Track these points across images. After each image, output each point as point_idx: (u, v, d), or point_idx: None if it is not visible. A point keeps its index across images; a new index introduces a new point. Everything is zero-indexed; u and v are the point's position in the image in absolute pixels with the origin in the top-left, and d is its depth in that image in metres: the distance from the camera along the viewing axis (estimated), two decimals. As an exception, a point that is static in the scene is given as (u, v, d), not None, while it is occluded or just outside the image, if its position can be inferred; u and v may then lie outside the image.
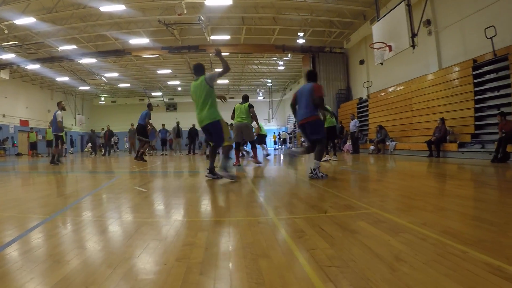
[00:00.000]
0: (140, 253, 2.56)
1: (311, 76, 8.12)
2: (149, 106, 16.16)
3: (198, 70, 7.65)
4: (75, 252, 2.59)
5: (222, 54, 7.62)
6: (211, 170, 7.53)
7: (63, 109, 14.80)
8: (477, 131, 13.73)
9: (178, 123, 26.06)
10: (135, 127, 27.06)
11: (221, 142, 7.44)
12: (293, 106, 8.17)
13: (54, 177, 9.44)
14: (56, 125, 14.42)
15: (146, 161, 15.71)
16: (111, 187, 6.65)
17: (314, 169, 7.34)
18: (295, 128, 41.60)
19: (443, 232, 2.90)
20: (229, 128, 9.13)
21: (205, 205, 4.56)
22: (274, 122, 49.39)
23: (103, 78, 35.94)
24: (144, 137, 16.06)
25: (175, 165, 13.72)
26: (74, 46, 26.36)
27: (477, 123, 13.82)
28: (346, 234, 2.96)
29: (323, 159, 12.68)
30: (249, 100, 12.21)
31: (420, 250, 2.46)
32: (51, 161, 14.63)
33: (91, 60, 29.77)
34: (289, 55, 32.12)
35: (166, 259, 2.42)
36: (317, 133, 7.57)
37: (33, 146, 28.54)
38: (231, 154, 7.75)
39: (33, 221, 3.65)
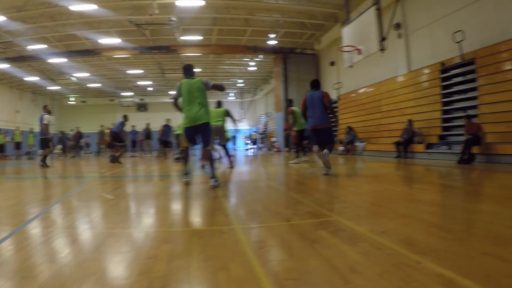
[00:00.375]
0: (105, 266, 2.57)
1: (317, 84, 9.12)
2: (125, 117, 16.72)
3: (191, 70, 7.61)
4: (42, 267, 2.57)
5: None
6: (186, 173, 7.53)
7: (49, 112, 14.95)
8: (444, 133, 13.99)
9: (148, 124, 25.89)
10: (104, 128, 26.87)
11: (207, 144, 7.37)
12: (304, 112, 8.95)
13: (23, 183, 9.31)
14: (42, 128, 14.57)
15: (122, 163, 15.61)
16: (79, 194, 6.57)
17: (327, 168, 8.57)
18: (266, 128, 41.79)
19: (401, 241, 2.97)
20: None
21: (171, 214, 4.57)
22: (245, 123, 49.44)
23: (73, 78, 35.41)
24: (119, 143, 16.45)
25: (144, 168, 13.63)
26: (44, 46, 25.80)
27: (444, 125, 14.09)
28: (305, 244, 3.00)
29: (300, 160, 13.42)
30: (220, 99, 12.76)
31: (376, 261, 2.52)
32: (41, 164, 14.62)
33: (61, 60, 29.21)
34: (261, 56, 32.15)
35: (130, 273, 2.44)
36: (330, 138, 8.88)
37: (0, 148, 27.96)
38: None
39: (1, 233, 3.59)
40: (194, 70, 7.61)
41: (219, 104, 12.72)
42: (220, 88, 7.64)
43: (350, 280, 2.21)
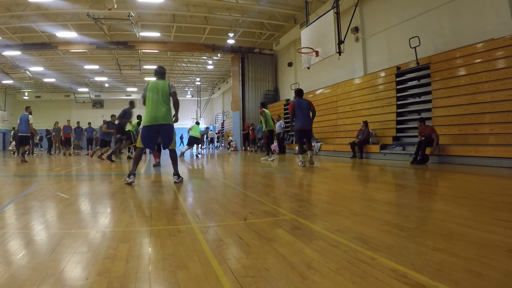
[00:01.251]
0: (63, 267, 2.51)
1: (301, 93, 11.62)
2: (132, 104, 16.06)
3: (162, 73, 7.78)
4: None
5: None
6: (131, 173, 7.38)
7: (30, 113, 16.90)
8: (398, 134, 14.34)
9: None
10: (59, 125, 26.19)
11: (169, 144, 7.50)
12: (293, 115, 11.21)
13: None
14: (26, 126, 16.67)
15: (114, 161, 15.28)
16: (34, 193, 6.39)
17: (310, 159, 11.17)
18: (223, 127, 41.79)
19: (355, 238, 3.05)
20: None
21: (128, 213, 4.47)
22: (202, 121, 49.25)
23: (27, 72, 34.46)
24: (123, 135, 16.46)
25: (100, 167, 13.39)
26: (-3, 37, 25.09)
27: (398, 126, 14.44)
28: (262, 242, 3.03)
29: (270, 159, 14.24)
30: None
31: (331, 258, 2.58)
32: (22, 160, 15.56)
33: (15, 53, 28.45)
34: (219, 55, 32.30)
35: (88, 273, 2.40)
36: (312, 136, 11.92)
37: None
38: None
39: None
40: (165, 73, 7.80)
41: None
42: (176, 104, 7.59)
43: (307, 276, 2.25)
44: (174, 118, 7.41)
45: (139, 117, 16.79)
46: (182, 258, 2.64)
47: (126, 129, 16.26)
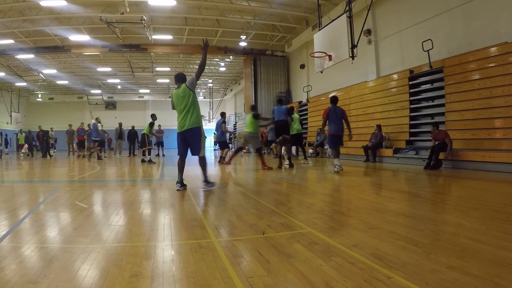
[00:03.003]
0: (90, 285, 2.57)
1: (336, 100, 11.88)
2: (153, 117, 17.19)
3: (180, 79, 7.85)
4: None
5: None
6: (181, 182, 7.76)
7: (99, 122, 20.35)
8: (411, 138, 14.33)
9: (120, 124, 25.65)
10: (73, 128, 26.40)
11: (198, 151, 7.62)
12: (326, 121, 11.43)
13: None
14: (97, 132, 19.96)
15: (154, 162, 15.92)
16: (52, 202, 6.49)
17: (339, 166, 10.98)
18: (235, 129, 41.82)
19: (372, 254, 3.12)
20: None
21: (148, 226, 4.53)
22: (214, 123, 49.38)
23: (40, 74, 34.78)
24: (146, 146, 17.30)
25: (116, 171, 13.54)
26: (11, 41, 25.28)
27: (411, 130, 14.42)
28: (282, 258, 3.11)
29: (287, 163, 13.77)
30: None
31: (349, 276, 2.65)
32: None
33: (29, 56, 28.73)
34: (231, 57, 32.31)
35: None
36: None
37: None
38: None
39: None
40: (183, 77, 7.90)
41: (252, 109, 13.69)
42: (202, 65, 7.86)
43: (326, 296, 2.33)
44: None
45: (152, 116, 17.10)
46: (206, 276, 2.71)
47: (142, 132, 16.72)
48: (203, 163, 7.76)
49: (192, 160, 8.03)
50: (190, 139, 7.59)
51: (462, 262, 2.86)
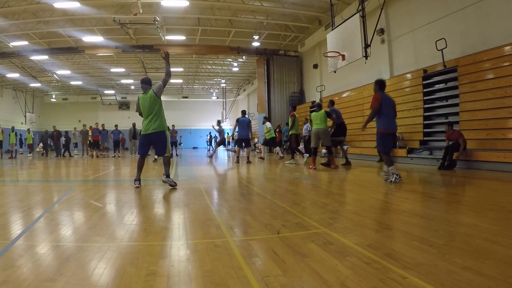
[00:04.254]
0: (107, 284, 2.60)
1: (384, 85, 9.11)
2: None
3: (146, 83, 8.39)
4: (48, 286, 2.58)
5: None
6: (139, 179, 8.32)
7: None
8: (425, 138, 14.24)
9: (134, 125, 25.78)
10: (87, 128, 26.59)
11: (163, 151, 8.18)
12: (376, 112, 8.57)
13: (11, 187, 9.23)
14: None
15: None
16: (67, 201, 6.56)
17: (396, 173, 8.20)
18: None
19: (386, 254, 3.13)
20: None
21: (162, 224, 4.58)
22: (228, 123, 49.39)
23: (54, 75, 35.08)
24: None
25: (130, 171, 13.63)
26: (25, 42, 25.57)
27: (425, 130, 14.34)
28: (297, 258, 3.12)
29: (290, 161, 14.47)
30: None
31: (364, 276, 2.66)
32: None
33: (43, 57, 29.07)
34: (244, 57, 32.38)
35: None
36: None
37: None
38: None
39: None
40: (149, 82, 8.54)
41: (318, 107, 13.14)
42: (168, 74, 8.39)
43: (342, 296, 2.35)
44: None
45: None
46: (222, 276, 2.73)
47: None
48: (167, 161, 8.32)
49: (203, 161, 8.07)
50: (155, 142, 8.21)
51: (476, 263, 2.85)
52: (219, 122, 18.66)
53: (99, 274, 2.81)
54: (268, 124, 19.06)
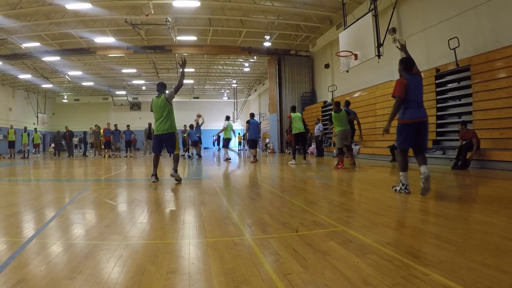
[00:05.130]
0: (127, 282, 2.62)
1: (412, 64, 6.99)
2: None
3: (161, 88, 9.24)
4: (66, 284, 2.58)
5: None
6: (156, 175, 9.25)
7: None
8: (438, 138, 14.20)
9: (150, 124, 25.91)
10: (98, 128, 26.75)
11: (173, 150, 9.04)
12: (401, 102, 6.60)
13: (25, 187, 9.31)
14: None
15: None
16: (82, 200, 6.61)
17: (424, 182, 6.14)
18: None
19: (406, 252, 3.13)
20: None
21: (179, 223, 4.58)
22: (239, 123, 49.40)
23: (66, 76, 35.32)
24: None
25: (142, 171, 13.69)
26: (37, 44, 25.78)
27: (438, 130, 14.28)
28: (317, 256, 3.13)
29: (292, 162, 14.15)
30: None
31: (386, 273, 2.66)
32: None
33: (55, 58, 29.25)
34: (255, 57, 32.43)
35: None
36: (427, 136, 6.82)
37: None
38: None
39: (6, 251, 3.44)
40: (164, 87, 9.44)
41: (337, 106, 13.24)
42: (180, 82, 9.24)
43: (365, 292, 2.36)
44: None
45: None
46: (243, 273, 2.74)
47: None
48: (176, 158, 9.19)
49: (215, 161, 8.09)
50: (166, 142, 9.15)
51: (496, 260, 2.85)
52: (227, 118, 18.78)
53: (118, 272, 2.82)
54: (226, 123, 18.79)
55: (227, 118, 19.02)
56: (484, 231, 3.84)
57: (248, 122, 17.09)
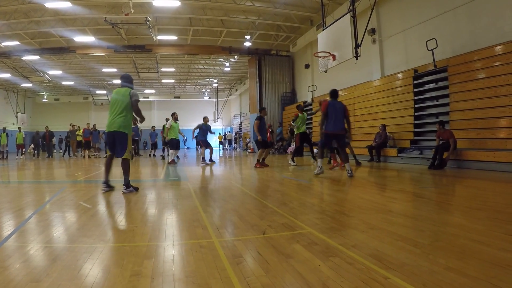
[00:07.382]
0: (92, 284, 2.62)
1: (336, 94, 10.44)
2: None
3: (127, 80, 8.00)
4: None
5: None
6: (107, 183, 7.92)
7: (176, 119, 17.75)
8: (416, 138, 14.34)
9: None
10: (76, 127, 26.51)
11: (122, 153, 7.66)
12: (325, 116, 9.94)
13: (0, 189, 9.19)
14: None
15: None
16: (57, 202, 6.56)
17: (349, 170, 9.63)
18: (240, 129, 41.88)
19: (370, 255, 3.14)
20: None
21: (150, 226, 4.57)
22: (220, 122, 49.35)
23: (46, 75, 34.97)
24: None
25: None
26: (17, 42, 25.47)
27: (416, 130, 14.43)
28: (280, 259, 3.13)
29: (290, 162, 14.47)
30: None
31: (346, 276, 2.67)
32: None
33: (34, 57, 28.96)
34: (236, 57, 32.43)
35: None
36: (345, 141, 10.71)
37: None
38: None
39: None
40: (130, 80, 8.06)
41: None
42: (138, 114, 7.94)
43: (322, 296, 2.35)
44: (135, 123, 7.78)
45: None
46: (205, 276, 2.75)
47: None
48: (125, 166, 7.77)
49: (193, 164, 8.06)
50: (117, 141, 7.65)
51: (460, 263, 2.87)
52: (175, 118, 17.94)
53: (84, 275, 2.82)
54: (169, 122, 17.85)
55: (175, 117, 17.91)
56: (453, 233, 3.87)
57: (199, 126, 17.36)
